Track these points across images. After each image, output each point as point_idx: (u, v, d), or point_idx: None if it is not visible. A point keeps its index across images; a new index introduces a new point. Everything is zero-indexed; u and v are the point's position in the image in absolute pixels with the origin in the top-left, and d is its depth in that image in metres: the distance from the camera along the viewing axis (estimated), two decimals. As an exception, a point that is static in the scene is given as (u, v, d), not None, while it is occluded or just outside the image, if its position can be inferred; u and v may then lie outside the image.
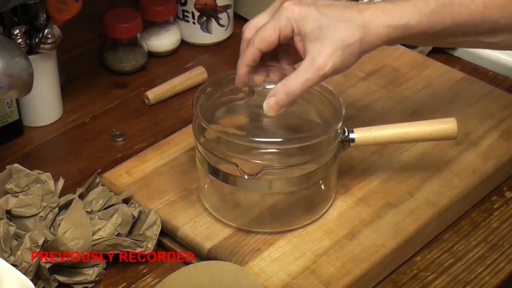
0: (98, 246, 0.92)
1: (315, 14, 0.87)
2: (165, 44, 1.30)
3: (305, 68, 0.87)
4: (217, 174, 0.94)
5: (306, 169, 0.92)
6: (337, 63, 0.86)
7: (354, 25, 0.86)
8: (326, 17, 0.87)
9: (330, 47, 0.86)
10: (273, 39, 0.89)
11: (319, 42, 0.86)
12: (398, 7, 0.88)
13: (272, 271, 0.91)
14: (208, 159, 0.94)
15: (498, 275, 0.94)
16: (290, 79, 0.88)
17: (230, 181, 0.93)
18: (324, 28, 0.86)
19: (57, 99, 1.18)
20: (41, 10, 1.10)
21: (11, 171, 0.96)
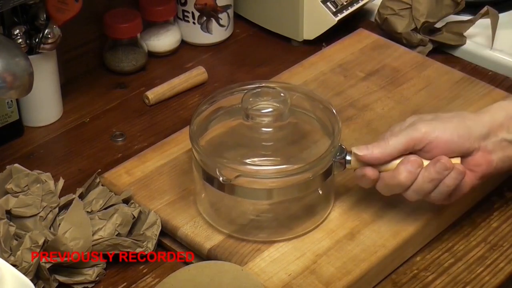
0: (98, 246, 0.92)
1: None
2: (165, 44, 1.30)
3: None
4: (211, 181, 0.93)
5: (303, 177, 0.92)
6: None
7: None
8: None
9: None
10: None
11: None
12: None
13: (272, 271, 0.91)
14: (203, 165, 0.94)
15: (498, 275, 0.94)
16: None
17: (226, 189, 0.93)
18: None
19: (57, 99, 1.18)
20: (41, 10, 1.10)
21: (11, 171, 0.96)
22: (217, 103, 1.00)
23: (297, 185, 0.92)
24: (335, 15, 1.29)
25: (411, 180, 0.90)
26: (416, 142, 0.90)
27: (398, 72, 1.19)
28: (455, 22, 1.31)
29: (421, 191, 0.90)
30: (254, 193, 0.93)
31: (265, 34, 1.35)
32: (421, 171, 0.90)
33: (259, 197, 0.94)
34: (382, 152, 0.90)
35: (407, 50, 1.25)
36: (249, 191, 0.92)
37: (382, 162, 0.91)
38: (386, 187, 0.91)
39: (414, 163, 0.89)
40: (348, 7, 1.31)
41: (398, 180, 0.90)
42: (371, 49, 1.24)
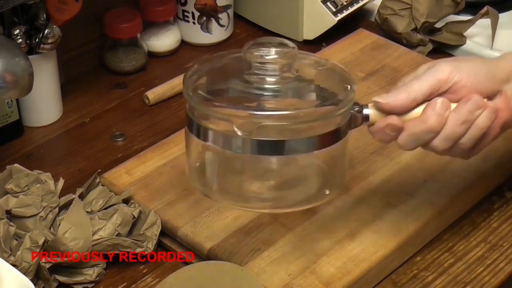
0: (98, 246, 0.92)
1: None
2: (165, 44, 1.30)
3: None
4: (220, 141, 0.85)
5: (314, 130, 0.84)
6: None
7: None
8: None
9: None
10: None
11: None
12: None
13: (272, 271, 0.91)
14: (205, 123, 0.85)
15: (498, 275, 0.94)
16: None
17: (244, 147, 0.83)
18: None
19: (57, 99, 1.18)
20: (41, 10, 1.10)
21: (11, 171, 0.96)
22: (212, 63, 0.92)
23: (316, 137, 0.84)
24: (335, 15, 1.29)
25: (441, 124, 0.82)
26: (442, 84, 0.83)
27: (398, 72, 1.19)
28: (455, 22, 1.31)
29: (451, 137, 0.83)
30: (273, 147, 0.84)
31: (265, 34, 1.35)
32: (451, 113, 0.82)
33: (277, 151, 0.84)
34: (407, 97, 0.83)
35: (407, 50, 1.25)
36: (268, 145, 0.83)
37: (407, 109, 0.83)
38: (412, 136, 0.83)
39: (442, 104, 0.82)
40: (348, 7, 1.31)
41: (427, 126, 0.82)
42: (371, 49, 1.24)
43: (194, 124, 0.86)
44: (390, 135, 0.84)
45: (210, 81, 0.90)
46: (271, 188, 0.91)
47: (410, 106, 0.83)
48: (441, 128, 0.82)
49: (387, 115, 0.83)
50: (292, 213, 0.96)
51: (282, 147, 0.84)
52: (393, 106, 0.83)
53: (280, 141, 0.83)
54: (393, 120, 0.83)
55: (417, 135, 0.83)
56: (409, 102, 0.83)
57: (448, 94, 0.83)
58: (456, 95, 0.83)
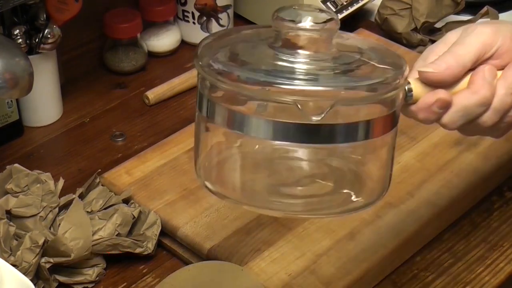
0: (98, 246, 0.92)
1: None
2: (165, 44, 1.30)
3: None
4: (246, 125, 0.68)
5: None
6: None
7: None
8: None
9: None
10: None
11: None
12: None
13: (272, 271, 0.91)
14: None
15: (498, 275, 0.94)
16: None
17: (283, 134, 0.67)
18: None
19: (57, 99, 1.18)
20: (41, 10, 1.10)
21: (11, 171, 0.96)
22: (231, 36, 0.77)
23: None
24: (335, 15, 1.29)
25: (493, 94, 0.72)
26: (487, 48, 0.73)
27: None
28: (455, 22, 1.31)
29: (501, 108, 0.73)
30: (340, 133, 0.69)
31: (265, 34, 1.35)
32: (499, 81, 0.73)
33: (326, 139, 0.69)
34: (456, 64, 0.72)
35: (407, 50, 1.25)
36: (335, 131, 0.68)
37: (457, 79, 0.72)
38: (462, 111, 0.72)
39: (491, 72, 0.73)
40: (348, 7, 1.31)
41: (479, 97, 0.72)
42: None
43: (214, 108, 0.70)
44: (438, 113, 0.72)
45: (229, 51, 0.74)
46: (300, 191, 0.76)
47: (460, 75, 0.72)
48: (492, 99, 0.72)
49: (433, 88, 0.72)
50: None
51: (316, 133, 0.68)
52: (445, 75, 0.72)
53: (348, 125, 0.69)
54: (443, 95, 0.71)
55: (468, 109, 0.72)
56: (459, 70, 0.72)
57: (492, 60, 0.74)
58: (500, 60, 0.74)
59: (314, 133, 0.68)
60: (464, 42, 0.73)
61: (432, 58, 0.74)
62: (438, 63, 0.72)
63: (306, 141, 0.69)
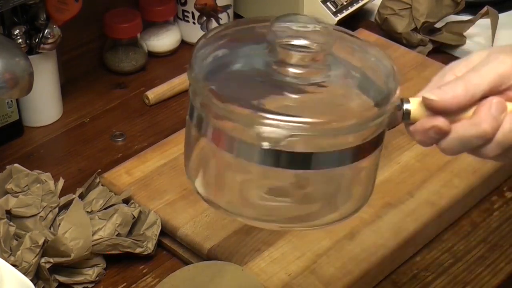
0: (98, 246, 0.92)
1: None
2: (165, 44, 1.30)
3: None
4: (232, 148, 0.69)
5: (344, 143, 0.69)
6: None
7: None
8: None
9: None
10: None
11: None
12: None
13: (272, 271, 0.91)
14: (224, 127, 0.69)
15: (498, 275, 0.94)
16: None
17: (267, 159, 0.67)
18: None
19: (57, 99, 1.18)
20: (41, 10, 1.10)
21: (11, 171, 0.96)
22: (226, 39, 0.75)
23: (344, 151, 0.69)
24: (335, 15, 1.29)
25: (496, 129, 0.68)
26: (504, 80, 0.69)
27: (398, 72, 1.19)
28: (455, 22, 1.31)
29: (505, 143, 0.69)
30: (297, 160, 0.68)
31: (265, 34, 1.35)
32: (507, 115, 0.68)
33: (301, 165, 0.69)
34: (465, 94, 0.68)
35: (407, 50, 1.25)
36: (294, 158, 0.68)
37: (462, 109, 0.68)
38: (460, 141, 0.69)
39: (499, 106, 0.68)
40: (348, 7, 1.31)
41: (479, 130, 0.68)
42: (371, 49, 1.24)
43: (202, 120, 0.70)
44: (434, 138, 0.70)
45: (223, 66, 0.74)
46: (287, 203, 0.75)
47: (467, 105, 0.68)
48: (494, 133, 0.69)
49: (434, 114, 0.69)
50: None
51: (309, 161, 0.69)
52: (449, 104, 0.68)
53: (307, 154, 0.68)
54: (440, 123, 0.69)
55: (466, 139, 0.69)
56: (466, 100, 0.68)
57: (509, 91, 0.69)
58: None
59: (300, 160, 0.68)
60: (480, 70, 0.69)
61: (450, 77, 0.71)
62: (445, 90, 0.69)
63: (292, 168, 0.69)
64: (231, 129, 0.69)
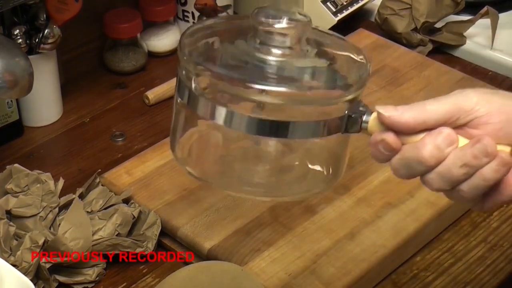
0: (98, 246, 0.92)
1: None
2: (165, 44, 1.30)
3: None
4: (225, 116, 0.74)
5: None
6: None
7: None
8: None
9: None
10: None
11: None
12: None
13: (272, 271, 0.91)
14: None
15: (498, 275, 0.94)
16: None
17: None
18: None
19: (57, 99, 1.18)
20: (41, 10, 1.10)
21: (11, 171, 0.96)
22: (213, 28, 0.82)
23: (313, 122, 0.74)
24: (335, 15, 1.29)
25: (437, 158, 0.68)
26: (462, 113, 0.69)
27: (398, 72, 1.19)
28: (455, 22, 1.31)
29: (447, 177, 0.69)
30: (276, 129, 0.74)
31: (265, 34, 1.35)
32: (454, 150, 0.68)
33: (280, 133, 0.75)
34: (414, 116, 0.69)
35: (407, 50, 1.25)
36: (270, 126, 0.74)
37: (410, 131, 0.70)
38: (402, 161, 0.70)
39: (446, 137, 0.68)
40: (348, 7, 1.31)
41: (419, 155, 0.68)
42: (371, 49, 1.24)
43: (187, 92, 0.76)
44: (384, 154, 0.71)
45: (210, 45, 0.81)
46: (265, 174, 0.84)
47: (416, 128, 0.70)
48: (436, 164, 0.69)
49: (387, 130, 0.71)
50: (292, 213, 0.96)
51: (285, 129, 0.74)
52: (395, 122, 0.70)
53: (282, 123, 0.74)
54: (389, 138, 0.70)
55: (407, 161, 0.70)
56: (415, 123, 0.69)
57: (466, 128, 0.70)
58: (474, 131, 0.69)
59: (277, 128, 0.74)
60: (441, 99, 0.70)
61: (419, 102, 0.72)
62: (398, 108, 0.70)
63: (273, 135, 0.76)
64: (219, 99, 0.74)
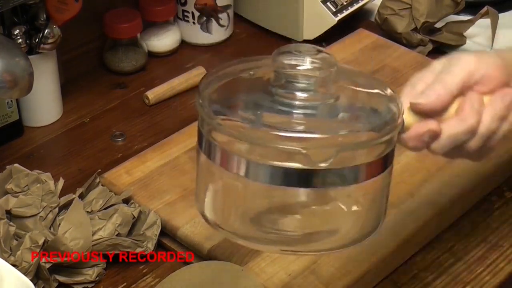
0: (98, 246, 0.92)
1: None
2: (165, 44, 1.30)
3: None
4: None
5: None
6: None
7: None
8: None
9: None
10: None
11: None
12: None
13: (272, 271, 0.91)
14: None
15: (498, 275, 0.94)
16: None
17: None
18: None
19: (57, 99, 1.18)
20: (41, 10, 1.10)
21: (11, 171, 0.96)
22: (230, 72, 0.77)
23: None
24: (335, 15, 1.29)
25: (478, 121, 0.75)
26: (471, 75, 0.76)
27: (398, 72, 1.19)
28: (455, 22, 1.31)
29: (487, 134, 0.75)
30: (306, 178, 0.69)
31: (265, 34, 1.35)
32: (487, 109, 0.75)
33: (309, 183, 0.69)
34: (445, 92, 0.75)
35: (407, 50, 1.25)
36: (300, 175, 0.69)
37: (445, 107, 0.74)
38: (451, 139, 0.75)
39: (477, 99, 0.75)
40: (348, 7, 1.31)
41: (467, 125, 0.74)
42: (371, 49, 1.24)
43: (207, 144, 0.72)
44: (427, 142, 0.75)
45: (230, 92, 0.77)
46: (296, 226, 0.77)
47: (448, 102, 0.75)
48: (479, 126, 0.75)
49: (423, 118, 0.75)
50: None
51: (317, 178, 0.70)
52: (435, 105, 0.74)
53: (314, 171, 0.69)
54: (433, 126, 0.74)
55: (456, 136, 0.75)
56: (447, 97, 0.75)
57: (477, 86, 0.76)
58: (485, 86, 0.76)
59: (312, 178, 0.69)
60: (451, 71, 0.76)
61: (421, 86, 0.76)
62: (428, 93, 0.75)
63: (302, 186, 0.71)
64: (239, 150, 0.70)
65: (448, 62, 0.78)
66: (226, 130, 0.70)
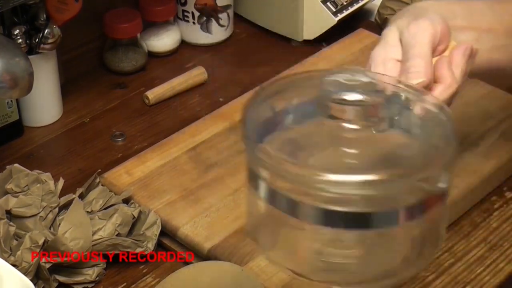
0: (98, 246, 0.92)
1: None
2: (165, 44, 1.30)
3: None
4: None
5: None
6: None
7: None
8: None
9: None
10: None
11: None
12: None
13: (272, 271, 0.91)
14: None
15: (498, 275, 0.94)
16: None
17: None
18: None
19: (57, 99, 1.18)
20: (41, 10, 1.10)
21: (11, 171, 0.96)
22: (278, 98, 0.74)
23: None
24: (335, 15, 1.29)
25: (459, 83, 0.80)
26: (434, 38, 0.81)
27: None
28: (455, 22, 1.31)
29: (459, 89, 0.80)
30: (355, 220, 0.67)
31: (265, 34, 1.35)
32: (455, 69, 0.80)
33: (360, 225, 0.67)
34: (429, 62, 0.79)
35: (407, 50, 1.24)
36: (351, 218, 0.67)
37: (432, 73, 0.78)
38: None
39: (452, 63, 0.81)
40: (348, 7, 1.31)
41: (453, 89, 0.80)
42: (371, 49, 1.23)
43: (271, 192, 0.68)
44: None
45: (287, 138, 0.72)
46: (352, 258, 0.73)
47: (432, 69, 0.79)
48: (458, 77, 0.80)
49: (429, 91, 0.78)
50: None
51: (368, 220, 0.67)
52: (429, 81, 0.78)
53: (366, 214, 0.67)
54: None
55: (446, 101, 0.79)
56: (431, 66, 0.79)
57: (439, 46, 0.82)
58: (443, 44, 0.82)
59: (364, 220, 0.67)
60: (417, 41, 0.79)
61: (392, 62, 0.80)
62: (420, 71, 0.78)
63: (356, 228, 0.68)
64: (287, 189, 0.67)
65: (406, 32, 0.81)
66: (274, 169, 0.66)
